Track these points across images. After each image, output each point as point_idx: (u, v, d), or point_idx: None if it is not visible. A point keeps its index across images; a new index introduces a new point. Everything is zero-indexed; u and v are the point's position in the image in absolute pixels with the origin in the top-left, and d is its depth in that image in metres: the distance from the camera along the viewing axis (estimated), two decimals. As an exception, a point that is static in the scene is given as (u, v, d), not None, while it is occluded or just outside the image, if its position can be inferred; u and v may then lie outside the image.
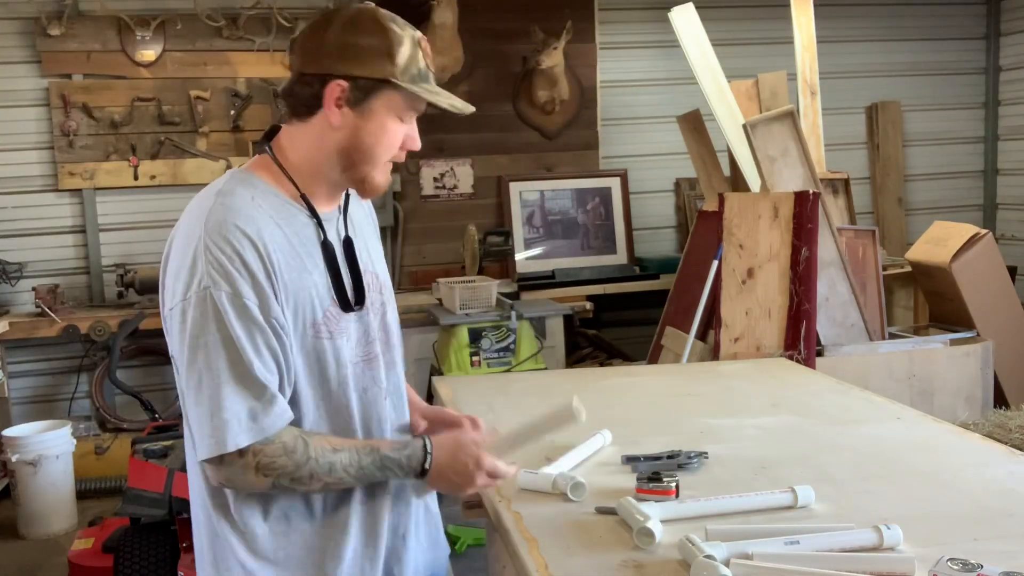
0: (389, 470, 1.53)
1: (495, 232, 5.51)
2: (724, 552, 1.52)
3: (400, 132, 1.54)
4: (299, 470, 1.46)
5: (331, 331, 1.53)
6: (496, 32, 5.71)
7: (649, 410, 2.64)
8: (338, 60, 1.47)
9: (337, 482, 1.50)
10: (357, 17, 1.48)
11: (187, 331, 1.43)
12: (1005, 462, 2.07)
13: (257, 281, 1.43)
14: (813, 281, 3.85)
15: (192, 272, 1.43)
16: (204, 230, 1.44)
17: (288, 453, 1.45)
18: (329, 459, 1.48)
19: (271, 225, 1.48)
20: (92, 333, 4.88)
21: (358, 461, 1.50)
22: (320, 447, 1.48)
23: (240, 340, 1.42)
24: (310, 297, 1.50)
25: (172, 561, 3.34)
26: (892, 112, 6.49)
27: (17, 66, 5.23)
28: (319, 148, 1.53)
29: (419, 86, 1.50)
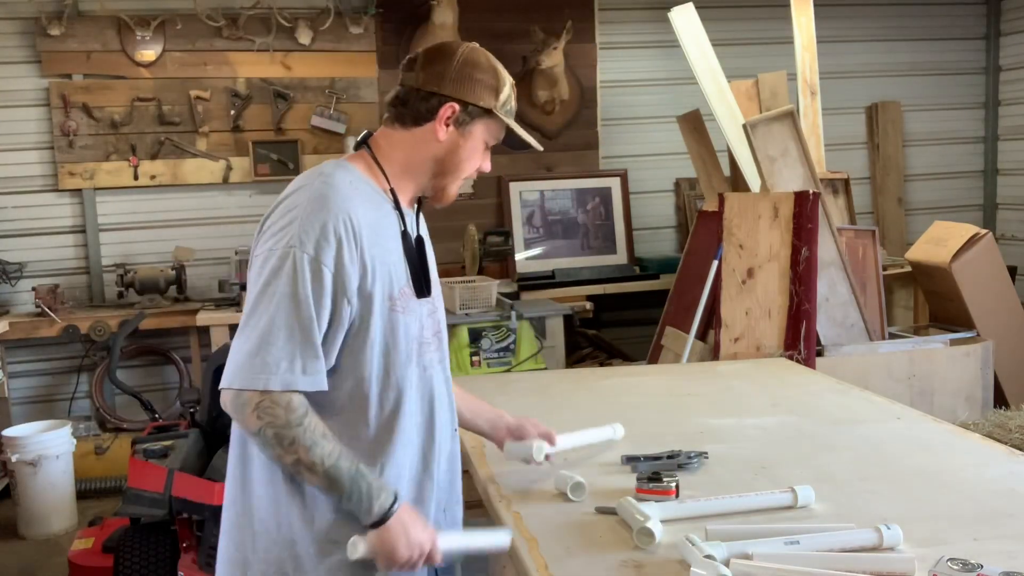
0: (357, 485, 1.56)
1: (495, 232, 5.51)
2: (724, 552, 1.52)
3: (483, 156, 1.79)
4: (286, 429, 1.54)
5: (403, 307, 1.69)
6: (496, 32, 5.71)
7: (649, 410, 2.64)
8: (457, 87, 1.71)
9: (309, 465, 1.55)
10: (476, 56, 1.74)
11: (264, 276, 1.58)
12: (1005, 462, 2.07)
13: (341, 252, 1.58)
14: (813, 281, 3.85)
15: (285, 232, 1.58)
16: (306, 200, 1.61)
17: (287, 409, 1.54)
18: (316, 439, 1.55)
19: (363, 206, 1.65)
20: (92, 333, 4.88)
21: (337, 457, 1.56)
22: (315, 424, 1.57)
23: (308, 299, 1.55)
24: (390, 273, 1.67)
25: (172, 561, 3.34)
26: (892, 112, 6.49)
27: (17, 66, 5.23)
28: (417, 154, 1.73)
29: (510, 120, 1.78)
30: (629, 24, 6.06)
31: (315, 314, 1.56)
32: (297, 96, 5.49)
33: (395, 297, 1.67)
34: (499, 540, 1.71)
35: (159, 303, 5.15)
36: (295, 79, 5.50)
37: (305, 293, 1.55)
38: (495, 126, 1.76)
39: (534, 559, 1.62)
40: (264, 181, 5.44)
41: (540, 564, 1.60)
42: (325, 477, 1.55)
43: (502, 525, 1.81)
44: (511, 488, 1.97)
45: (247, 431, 1.59)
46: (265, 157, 5.48)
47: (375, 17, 5.51)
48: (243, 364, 1.55)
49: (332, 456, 1.55)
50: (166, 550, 3.38)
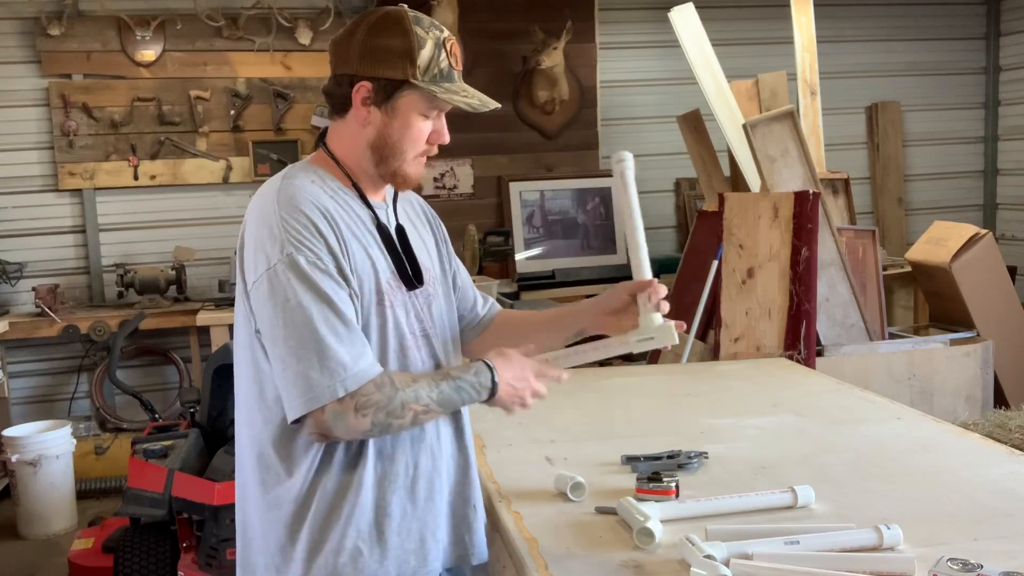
0: (464, 391, 1.60)
1: (495, 232, 5.51)
2: (724, 552, 1.52)
3: (426, 128, 1.62)
4: (391, 402, 1.52)
5: (391, 301, 1.63)
6: (496, 32, 5.71)
7: (649, 410, 2.64)
8: (363, 62, 1.57)
9: (424, 410, 1.56)
10: (383, 20, 1.57)
11: (277, 296, 1.51)
12: (1005, 462, 2.07)
13: (330, 246, 1.53)
14: (813, 281, 3.84)
15: (272, 243, 1.52)
16: (277, 205, 1.55)
17: (379, 388, 1.52)
18: (413, 388, 1.55)
19: (332, 202, 1.59)
20: (92, 333, 4.88)
21: (436, 386, 1.57)
22: (400, 379, 1.56)
23: (329, 295, 1.51)
24: (372, 267, 1.60)
25: (172, 561, 3.34)
26: (892, 112, 6.49)
27: (17, 66, 5.23)
28: (355, 143, 1.64)
29: (440, 86, 1.58)
30: (629, 24, 6.06)
31: (343, 305, 1.52)
32: (297, 96, 5.49)
33: (382, 290, 1.61)
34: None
35: (159, 303, 5.15)
36: (295, 79, 5.50)
37: (323, 290, 1.50)
38: (420, 96, 1.58)
39: (534, 559, 1.62)
40: (264, 181, 5.43)
41: (540, 564, 1.60)
42: (440, 407, 1.58)
43: (505, 524, 1.81)
44: (511, 488, 1.97)
45: (361, 435, 1.53)
46: (265, 157, 5.48)
47: (375, 17, 5.50)
48: (307, 384, 1.47)
49: (434, 388, 1.57)
50: (166, 550, 3.38)
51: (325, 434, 1.52)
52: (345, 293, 1.53)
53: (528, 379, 1.67)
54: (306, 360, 1.48)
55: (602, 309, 1.78)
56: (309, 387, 1.48)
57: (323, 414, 1.49)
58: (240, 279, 1.59)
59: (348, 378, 1.48)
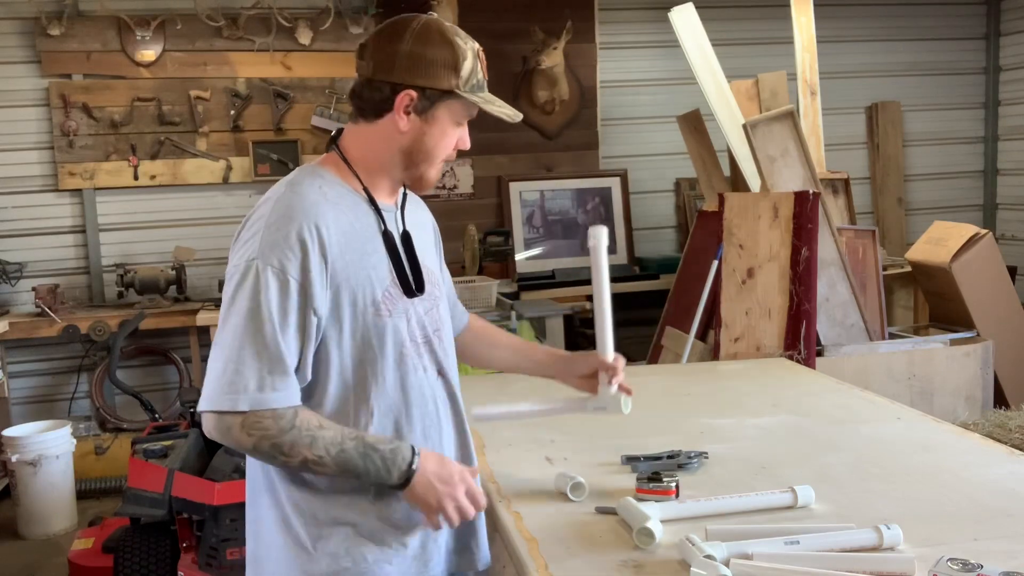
0: (371, 459, 1.53)
1: (495, 232, 5.51)
2: (724, 552, 1.52)
3: (455, 135, 1.67)
4: (282, 435, 1.49)
5: (390, 310, 1.62)
6: (496, 32, 5.71)
7: (649, 410, 2.64)
8: (409, 71, 1.58)
9: (316, 460, 1.51)
10: (426, 30, 1.59)
11: (229, 292, 1.53)
12: (1005, 462, 2.07)
13: (307, 262, 1.52)
14: (813, 281, 3.85)
15: (248, 245, 1.54)
16: (271, 211, 1.55)
17: (275, 417, 1.49)
18: (313, 433, 1.50)
19: (335, 212, 1.58)
20: (92, 333, 4.88)
21: (340, 443, 1.51)
22: (307, 419, 1.52)
23: (272, 314, 1.50)
24: (369, 278, 1.60)
25: (172, 561, 3.34)
26: (892, 112, 6.49)
27: (17, 66, 5.23)
28: (384, 148, 1.64)
29: (477, 95, 1.64)
30: (629, 24, 6.06)
31: (280, 328, 1.49)
32: (297, 96, 5.49)
33: (379, 301, 1.60)
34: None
35: (159, 303, 5.15)
36: (295, 79, 5.50)
37: (269, 308, 1.49)
38: (461, 105, 1.63)
39: (534, 559, 1.62)
40: (264, 181, 5.43)
41: (540, 564, 1.60)
42: (336, 466, 1.51)
43: (502, 525, 1.81)
44: (511, 488, 1.97)
45: (241, 450, 1.52)
46: (265, 157, 5.48)
47: (375, 17, 5.50)
48: (214, 386, 1.49)
49: (335, 444, 1.51)
50: (166, 550, 3.38)
51: (211, 433, 1.52)
52: (296, 317, 1.51)
53: (456, 486, 1.59)
54: (223, 364, 1.49)
55: (572, 371, 1.93)
56: (216, 389, 1.49)
57: (214, 417, 1.50)
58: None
59: (244, 398, 1.47)
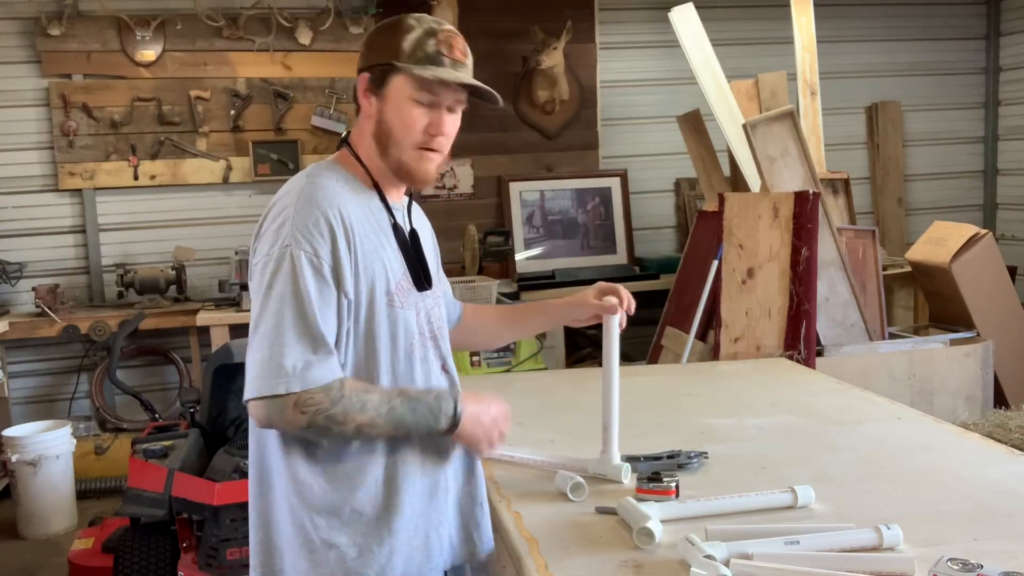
0: (419, 413, 1.58)
1: (495, 232, 5.51)
2: (724, 552, 1.52)
3: (419, 115, 1.64)
4: (334, 406, 1.53)
5: (402, 302, 1.66)
6: (496, 32, 5.71)
7: (649, 410, 2.64)
8: (365, 56, 1.67)
9: (369, 423, 1.55)
10: (392, 20, 1.66)
11: (264, 280, 1.56)
12: (1005, 462, 2.07)
13: (336, 247, 1.57)
14: (813, 281, 3.85)
15: (279, 233, 1.57)
16: (296, 200, 1.60)
17: (325, 390, 1.53)
18: (362, 397, 1.55)
19: (353, 203, 1.63)
20: (92, 333, 4.88)
21: (388, 401, 1.56)
22: (353, 386, 1.56)
23: (310, 295, 1.54)
24: (384, 268, 1.64)
25: (172, 561, 3.34)
26: (892, 112, 6.49)
27: (17, 66, 5.23)
28: (365, 137, 1.69)
29: (424, 67, 1.61)
30: (629, 24, 6.06)
31: (320, 309, 1.54)
32: (297, 96, 5.49)
33: (392, 292, 1.64)
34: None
35: (159, 303, 5.15)
36: (295, 79, 5.50)
37: (307, 288, 1.53)
38: (406, 78, 1.61)
39: (534, 559, 1.62)
40: (264, 181, 5.44)
41: (540, 564, 1.60)
42: (389, 424, 1.56)
43: (502, 527, 1.81)
44: (511, 488, 1.97)
45: (297, 431, 1.55)
46: (265, 157, 5.48)
47: (375, 17, 5.50)
48: (260, 372, 1.53)
49: (385, 403, 1.56)
50: (166, 550, 3.38)
51: (262, 421, 1.56)
52: (333, 298, 1.56)
53: (496, 418, 1.68)
54: (268, 350, 1.53)
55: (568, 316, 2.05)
56: (263, 375, 1.52)
57: (264, 404, 1.53)
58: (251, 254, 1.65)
59: (294, 379, 1.51)
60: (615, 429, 1.98)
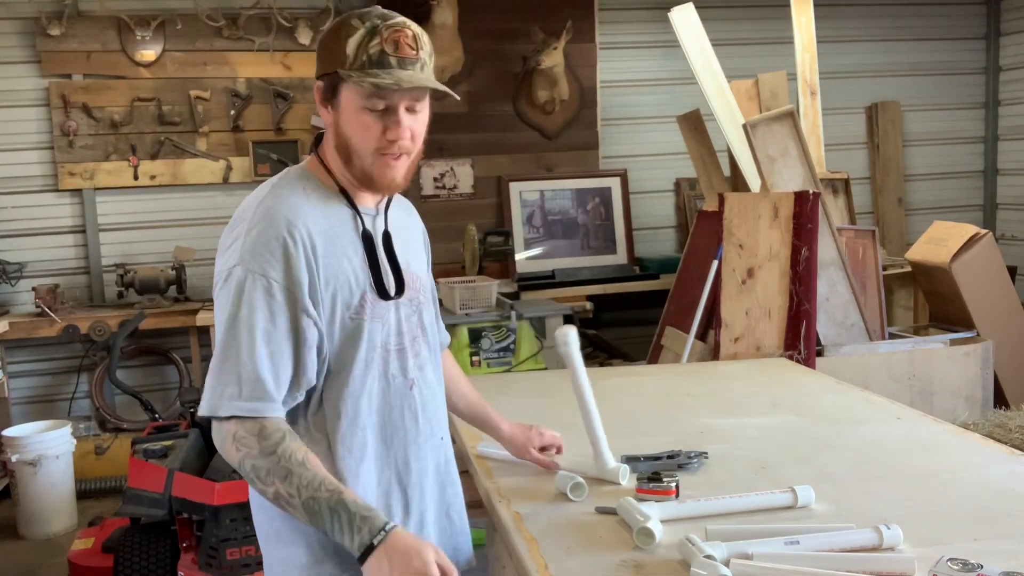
0: (337, 517, 1.43)
1: (495, 232, 5.50)
2: (724, 552, 1.52)
3: (373, 123, 1.55)
4: (260, 459, 1.46)
5: (371, 314, 1.60)
6: (496, 32, 5.71)
7: (649, 410, 2.64)
8: (318, 65, 1.60)
9: (287, 498, 1.45)
10: (335, 23, 1.57)
11: (217, 300, 1.55)
12: (1005, 462, 2.07)
13: (291, 267, 1.51)
14: (813, 281, 3.85)
15: (231, 251, 1.54)
16: (253, 214, 1.56)
17: (261, 437, 1.47)
18: (290, 467, 1.45)
19: (316, 213, 1.57)
20: (92, 333, 4.88)
21: (316, 488, 1.43)
22: (291, 451, 1.46)
23: (254, 319, 1.49)
24: (347, 281, 1.58)
25: (172, 561, 3.34)
26: (892, 112, 6.49)
27: (17, 66, 5.23)
28: (329, 146, 1.64)
29: (367, 72, 1.51)
30: (629, 24, 6.06)
31: (263, 335, 1.48)
32: (297, 96, 5.49)
33: (355, 305, 1.58)
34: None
35: (159, 303, 5.15)
36: (295, 79, 5.50)
37: (250, 313, 1.48)
38: (354, 86, 1.53)
39: (534, 559, 1.62)
40: (264, 181, 5.43)
41: (540, 564, 1.60)
42: (304, 510, 1.44)
43: (499, 526, 1.81)
44: (511, 488, 1.97)
45: (234, 464, 1.50)
46: (265, 157, 5.48)
47: (375, 17, 5.50)
48: (207, 395, 1.50)
49: (310, 488, 1.43)
50: (166, 550, 3.38)
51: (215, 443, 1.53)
52: (285, 320, 1.50)
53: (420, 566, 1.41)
54: (212, 369, 1.51)
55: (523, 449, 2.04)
56: (206, 394, 1.51)
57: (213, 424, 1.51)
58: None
59: (225, 403, 1.47)
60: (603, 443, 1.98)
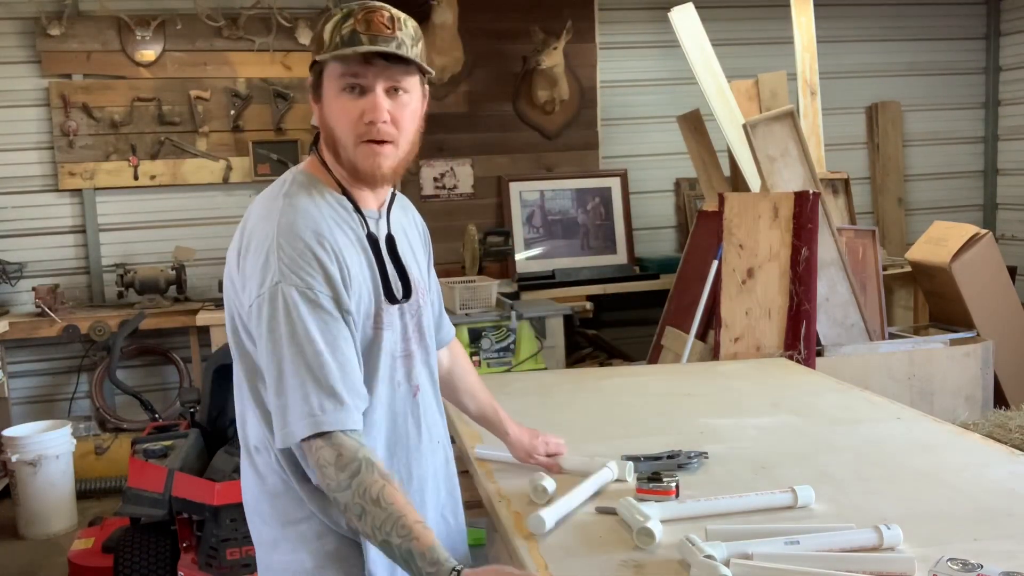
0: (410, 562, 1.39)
1: (495, 232, 5.50)
2: (724, 552, 1.52)
3: (350, 104, 1.53)
4: (340, 492, 1.42)
5: (388, 322, 1.59)
6: (496, 32, 5.71)
7: (649, 410, 2.64)
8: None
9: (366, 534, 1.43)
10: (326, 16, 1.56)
11: (263, 324, 1.48)
12: (1005, 462, 2.07)
13: (329, 275, 1.49)
14: (813, 281, 3.85)
15: (266, 270, 1.48)
16: (277, 230, 1.50)
17: (339, 466, 1.42)
18: (365, 505, 1.41)
19: (332, 223, 1.55)
20: (92, 333, 4.88)
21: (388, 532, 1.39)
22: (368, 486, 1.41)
23: (311, 333, 1.46)
24: (367, 289, 1.57)
25: (172, 561, 3.35)
26: (892, 112, 6.49)
27: (17, 66, 5.23)
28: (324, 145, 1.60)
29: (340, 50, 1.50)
30: (629, 24, 6.06)
31: (324, 347, 1.46)
32: (297, 96, 5.49)
33: (372, 312, 1.57)
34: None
35: (159, 303, 5.15)
36: (295, 79, 5.50)
37: (307, 327, 1.45)
38: (332, 66, 1.52)
39: (534, 559, 1.62)
40: (264, 181, 5.43)
41: (540, 564, 1.60)
42: (383, 551, 1.42)
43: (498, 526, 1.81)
44: (511, 488, 1.97)
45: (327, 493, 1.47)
46: (265, 157, 5.48)
47: (375, 17, 5.50)
48: (276, 421, 1.47)
49: (383, 529, 1.39)
50: (166, 550, 3.38)
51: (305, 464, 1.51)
52: (339, 328, 1.48)
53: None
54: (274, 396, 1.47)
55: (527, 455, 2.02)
56: (276, 422, 1.47)
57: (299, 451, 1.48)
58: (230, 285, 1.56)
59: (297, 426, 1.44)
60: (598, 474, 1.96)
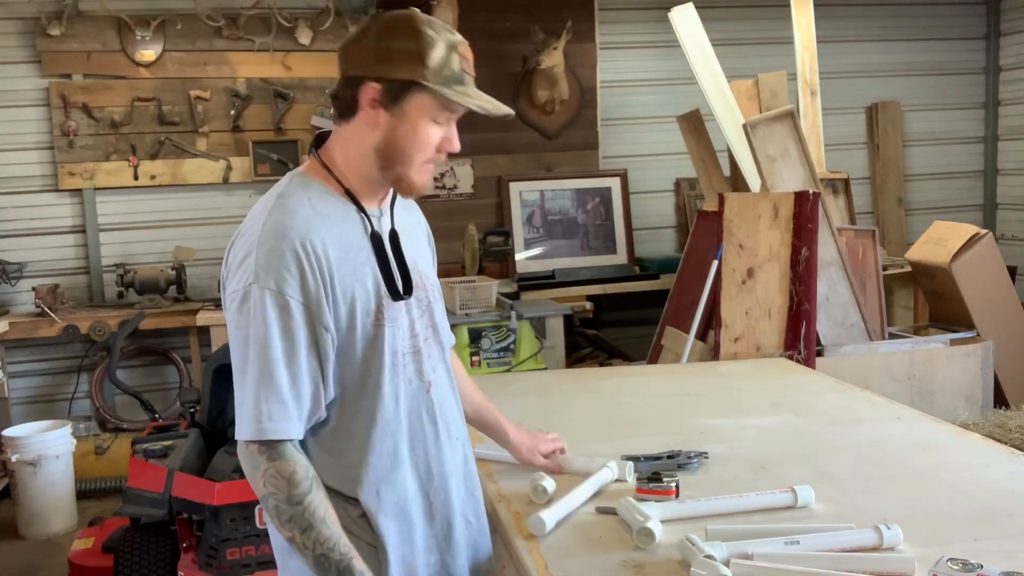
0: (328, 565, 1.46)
1: (495, 232, 5.51)
2: (724, 552, 1.52)
3: (435, 134, 1.57)
4: (286, 504, 1.46)
5: (391, 319, 1.59)
6: (496, 32, 5.71)
7: (649, 410, 2.64)
8: (373, 63, 1.53)
9: (300, 545, 1.47)
10: (394, 22, 1.53)
11: (232, 321, 1.52)
12: (1005, 462, 2.07)
13: (305, 281, 1.49)
14: (813, 281, 3.84)
15: (244, 268, 1.50)
16: (261, 229, 1.51)
17: (291, 483, 1.46)
18: (312, 522, 1.46)
19: (326, 224, 1.54)
20: (92, 333, 4.88)
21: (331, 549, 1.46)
22: (316, 506, 1.47)
23: (272, 339, 1.47)
24: (365, 287, 1.56)
25: (172, 561, 3.34)
26: (892, 112, 6.49)
27: (17, 66, 5.23)
28: (359, 148, 1.59)
29: (451, 88, 1.53)
30: (629, 24, 6.06)
31: (282, 354, 1.47)
32: (297, 96, 5.49)
33: (373, 310, 1.56)
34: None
35: (159, 303, 5.15)
36: (295, 79, 5.50)
37: (269, 332, 1.46)
38: (431, 98, 1.52)
39: (534, 559, 1.62)
40: (264, 181, 5.43)
41: (540, 564, 1.60)
42: (314, 562, 1.47)
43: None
44: (511, 488, 1.97)
45: (256, 492, 1.50)
46: (265, 157, 5.48)
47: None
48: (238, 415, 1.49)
49: (325, 544, 1.46)
50: (166, 550, 3.38)
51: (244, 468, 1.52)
52: (303, 336, 1.49)
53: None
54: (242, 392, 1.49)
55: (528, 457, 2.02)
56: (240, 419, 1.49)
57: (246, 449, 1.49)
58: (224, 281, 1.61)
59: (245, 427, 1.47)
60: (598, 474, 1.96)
